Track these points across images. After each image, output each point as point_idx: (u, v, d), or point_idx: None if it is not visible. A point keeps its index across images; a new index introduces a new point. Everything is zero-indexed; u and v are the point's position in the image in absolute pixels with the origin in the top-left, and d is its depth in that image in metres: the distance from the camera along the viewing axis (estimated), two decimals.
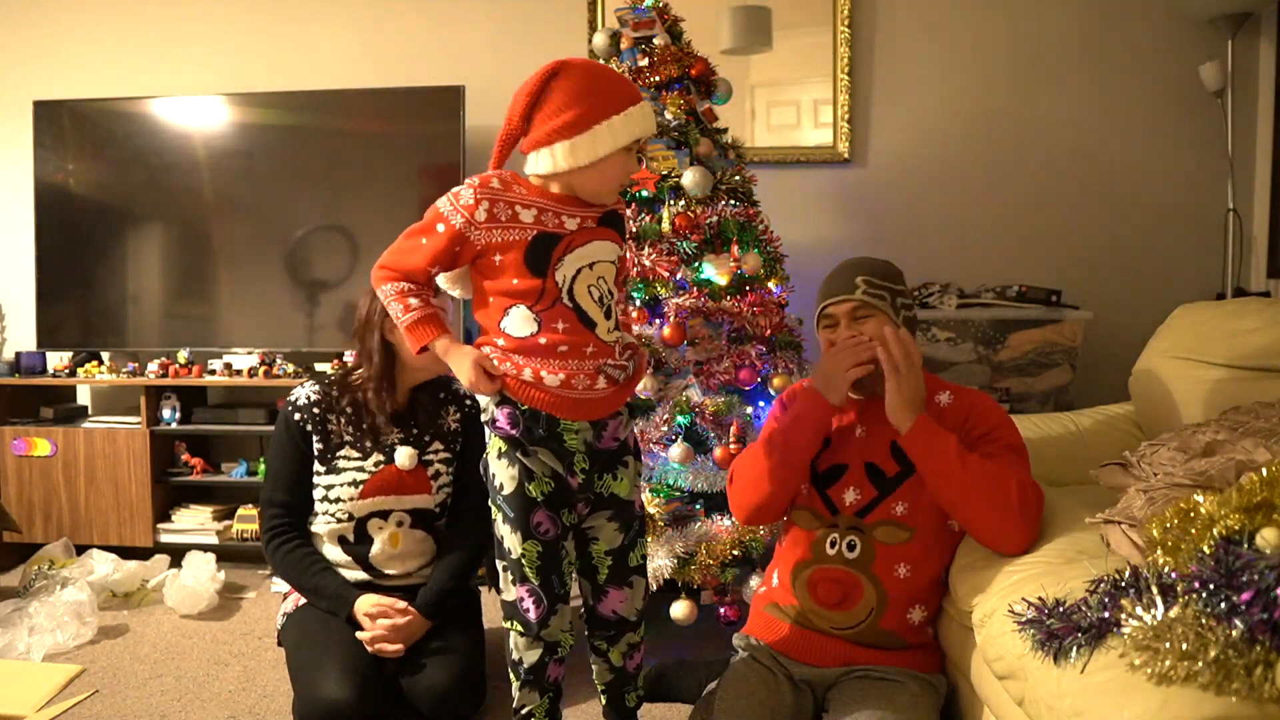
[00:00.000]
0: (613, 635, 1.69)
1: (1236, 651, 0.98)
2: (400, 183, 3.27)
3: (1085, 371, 3.00)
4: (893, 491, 1.74)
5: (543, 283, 1.52)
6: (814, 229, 3.29)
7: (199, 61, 3.56)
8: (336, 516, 2.06)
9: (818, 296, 1.87)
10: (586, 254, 1.55)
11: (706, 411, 2.27)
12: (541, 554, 1.57)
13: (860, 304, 1.78)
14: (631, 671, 1.75)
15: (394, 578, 2.08)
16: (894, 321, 1.79)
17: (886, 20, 3.31)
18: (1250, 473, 1.22)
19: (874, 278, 1.79)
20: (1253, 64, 3.17)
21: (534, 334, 1.52)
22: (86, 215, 3.37)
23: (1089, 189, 3.27)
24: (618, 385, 1.59)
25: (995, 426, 1.75)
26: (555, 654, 1.64)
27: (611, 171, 1.53)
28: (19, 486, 3.22)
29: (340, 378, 2.15)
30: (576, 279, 1.54)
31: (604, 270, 1.57)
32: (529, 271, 1.52)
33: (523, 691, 1.66)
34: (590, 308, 1.55)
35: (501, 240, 1.51)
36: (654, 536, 2.20)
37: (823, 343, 1.86)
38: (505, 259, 1.52)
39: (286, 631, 2.08)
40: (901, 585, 1.69)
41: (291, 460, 2.10)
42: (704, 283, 2.34)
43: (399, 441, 2.10)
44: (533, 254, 1.51)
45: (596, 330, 1.55)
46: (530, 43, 3.39)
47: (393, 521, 2.07)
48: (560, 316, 1.53)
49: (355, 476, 2.06)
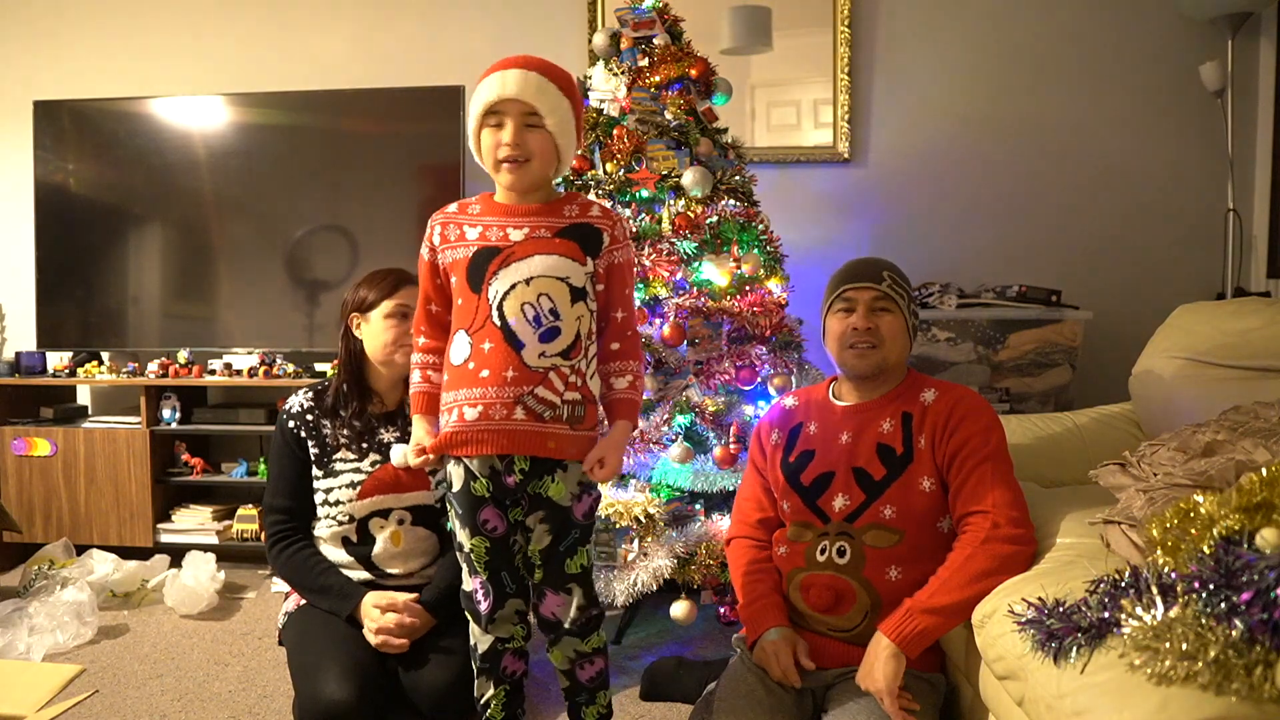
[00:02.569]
0: (554, 637, 1.67)
1: (1236, 651, 0.98)
2: (400, 183, 3.27)
3: (1085, 371, 3.00)
4: (881, 494, 1.73)
5: (477, 300, 1.52)
6: (814, 229, 3.29)
7: (199, 61, 3.56)
8: (337, 519, 2.06)
9: (834, 280, 1.87)
10: (524, 269, 1.52)
11: (706, 411, 2.27)
12: (490, 549, 1.60)
13: (883, 294, 1.80)
14: (584, 683, 1.69)
15: (397, 576, 2.08)
16: (908, 323, 1.82)
17: (886, 20, 3.31)
18: (1250, 473, 1.21)
19: (897, 276, 1.84)
20: (1253, 64, 3.17)
21: (465, 360, 1.53)
22: (86, 215, 3.37)
23: (1089, 189, 3.27)
24: (542, 422, 1.51)
25: (972, 435, 1.71)
26: (507, 645, 1.67)
27: (484, 149, 1.55)
28: (19, 486, 3.22)
29: (332, 382, 2.17)
30: (508, 295, 1.51)
31: (546, 287, 1.51)
32: (469, 288, 1.53)
33: (480, 679, 1.69)
34: (521, 328, 1.50)
35: (452, 260, 1.56)
36: (654, 536, 2.20)
37: (830, 324, 1.85)
38: (456, 280, 1.56)
39: (288, 631, 2.08)
40: (894, 587, 1.69)
41: (290, 467, 2.10)
42: (704, 283, 2.34)
43: (394, 440, 2.09)
44: (472, 270, 1.54)
45: (523, 353, 1.50)
46: (530, 43, 3.39)
47: (394, 520, 2.07)
48: (488, 336, 1.51)
49: (353, 478, 2.06)
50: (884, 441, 1.77)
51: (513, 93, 1.49)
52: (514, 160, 1.52)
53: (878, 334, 1.79)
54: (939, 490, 1.73)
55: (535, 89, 1.50)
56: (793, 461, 1.86)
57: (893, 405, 1.80)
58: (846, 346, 1.81)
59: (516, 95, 1.49)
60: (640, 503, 2.22)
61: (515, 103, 1.50)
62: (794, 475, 1.84)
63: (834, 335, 1.84)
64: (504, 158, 1.52)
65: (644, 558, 2.18)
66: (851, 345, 1.80)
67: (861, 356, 1.79)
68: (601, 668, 1.70)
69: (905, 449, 1.75)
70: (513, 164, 1.52)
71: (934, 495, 1.72)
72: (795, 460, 1.85)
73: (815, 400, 1.92)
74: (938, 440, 1.73)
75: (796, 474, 1.84)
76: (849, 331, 1.80)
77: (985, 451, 1.69)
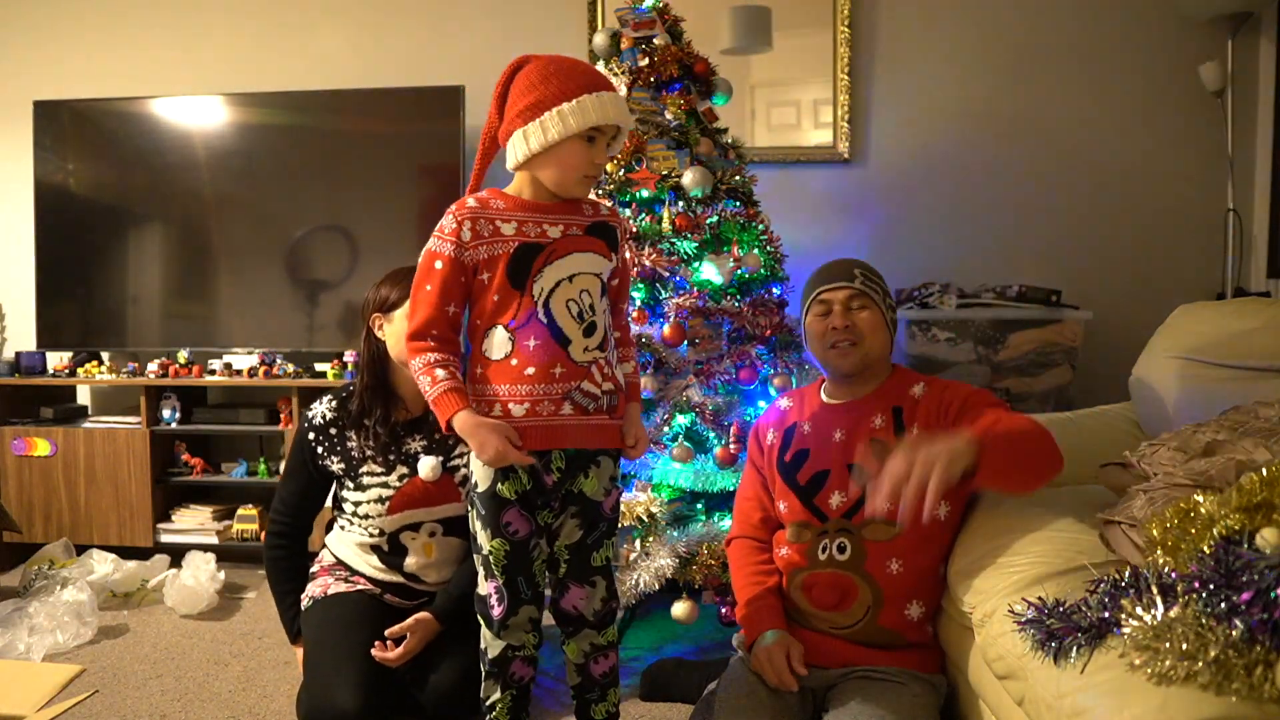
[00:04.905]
0: (571, 630, 1.69)
1: (1236, 651, 0.98)
2: (400, 183, 3.27)
3: (1085, 371, 3.00)
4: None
5: (520, 296, 1.52)
6: (814, 229, 3.29)
7: (199, 61, 3.57)
8: (369, 531, 2.03)
9: (809, 285, 1.93)
10: (567, 265, 1.54)
11: (706, 411, 2.27)
12: (509, 553, 1.59)
13: (857, 292, 1.84)
14: (596, 677, 1.70)
15: (431, 585, 2.06)
16: (886, 317, 1.85)
17: (886, 20, 3.31)
18: (1250, 473, 1.21)
19: (868, 273, 1.89)
20: (1253, 64, 3.17)
21: (506, 355, 1.52)
22: (86, 215, 3.37)
23: (1089, 189, 3.27)
24: (586, 415, 1.55)
25: (969, 395, 1.76)
26: (517, 652, 1.66)
27: (570, 160, 1.52)
28: (19, 486, 3.22)
29: (356, 387, 2.08)
30: (555, 292, 1.52)
31: (586, 284, 1.55)
32: (510, 285, 1.52)
33: (488, 683, 1.69)
34: (567, 324, 1.53)
35: (487, 256, 1.52)
36: (654, 536, 2.20)
37: (810, 327, 1.89)
38: (491, 276, 1.53)
39: (308, 618, 2.03)
40: (895, 581, 1.69)
41: (299, 481, 2.08)
42: (704, 283, 2.35)
43: (421, 450, 2.03)
44: (514, 266, 1.52)
45: (570, 349, 1.52)
46: (530, 43, 3.38)
47: (425, 532, 2.03)
48: (533, 333, 1.51)
49: (381, 493, 2.01)
50: (877, 437, 1.78)
51: (613, 119, 1.52)
52: (597, 179, 1.60)
53: (856, 330, 1.82)
54: None
55: (625, 113, 1.55)
56: (789, 461, 1.87)
57: (882, 401, 1.82)
58: (828, 347, 1.84)
59: (617, 120, 1.53)
60: (641, 502, 2.22)
61: (612, 126, 1.54)
62: (790, 474, 1.85)
63: (815, 337, 1.88)
64: (591, 175, 1.56)
65: (645, 557, 2.18)
66: (833, 345, 1.83)
67: (844, 355, 1.82)
68: (614, 664, 1.72)
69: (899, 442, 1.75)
70: (594, 180, 1.59)
71: None
72: (791, 459, 1.87)
73: (808, 400, 1.95)
74: (934, 423, 1.74)
75: (792, 473, 1.85)
76: (829, 331, 1.83)
77: (988, 401, 1.74)
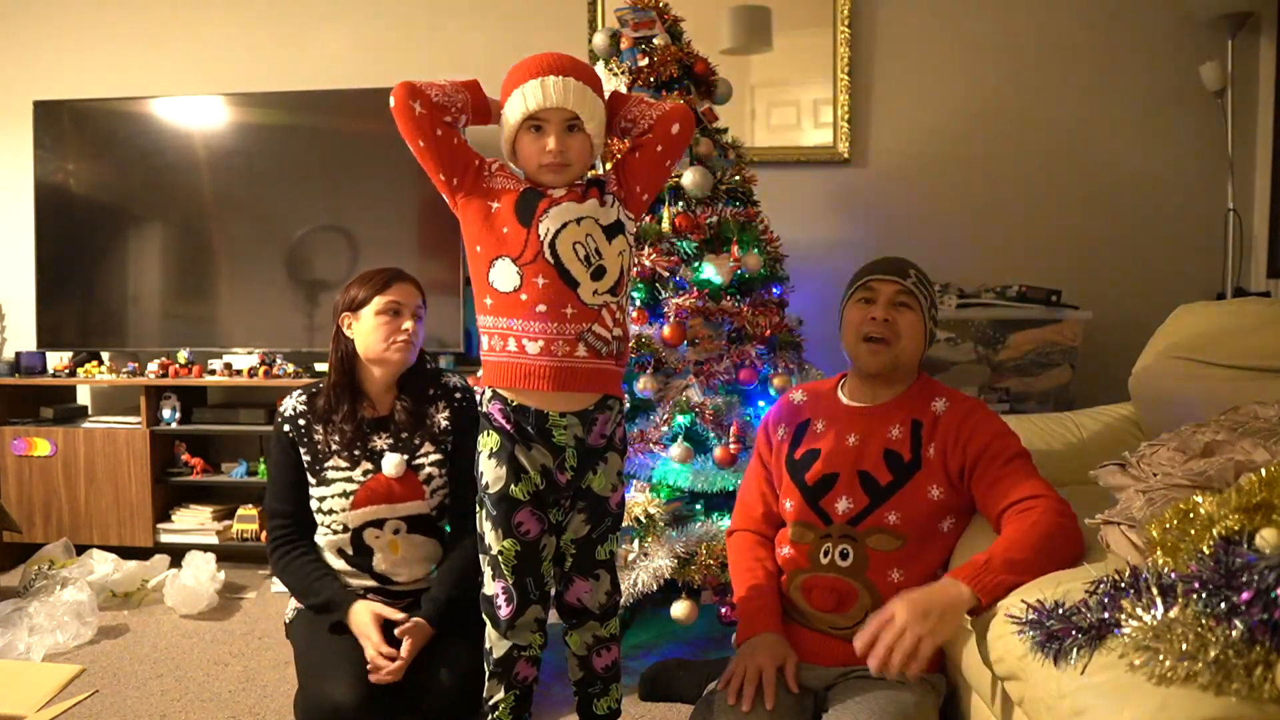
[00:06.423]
0: (575, 622, 1.71)
1: (1236, 652, 0.98)
2: (400, 183, 3.27)
3: (1085, 371, 3.00)
4: (886, 500, 1.73)
5: (527, 233, 1.54)
6: (814, 229, 3.29)
7: (199, 61, 3.57)
8: (332, 529, 2.03)
9: (859, 271, 1.86)
10: (572, 209, 1.56)
11: (706, 411, 2.27)
12: (520, 553, 1.60)
13: (906, 290, 1.80)
14: (599, 671, 1.72)
15: (404, 584, 2.06)
16: (926, 326, 1.81)
17: (886, 20, 3.31)
18: (1249, 473, 1.21)
19: (923, 277, 1.85)
20: (1253, 64, 3.16)
21: (516, 289, 1.54)
22: (86, 215, 3.37)
23: (1089, 189, 3.27)
24: (599, 359, 1.57)
25: (994, 437, 1.71)
26: (523, 652, 1.67)
27: (525, 151, 1.58)
28: (19, 486, 3.22)
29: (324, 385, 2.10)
30: (560, 233, 1.54)
31: (590, 228, 1.56)
32: (517, 220, 1.55)
33: (491, 682, 1.70)
34: (574, 265, 1.54)
35: (501, 187, 1.58)
36: (654, 536, 2.20)
37: (849, 314, 1.83)
38: (501, 205, 1.56)
39: (296, 626, 2.06)
40: (897, 588, 1.67)
41: (287, 470, 2.07)
42: (704, 283, 2.34)
43: (387, 448, 2.05)
44: (522, 203, 1.55)
45: (579, 291, 1.54)
46: (530, 43, 3.34)
47: (389, 530, 2.04)
48: (540, 272, 1.53)
49: (345, 488, 2.02)
50: (891, 448, 1.76)
51: (556, 102, 1.51)
52: (558, 166, 1.56)
53: (894, 328, 1.77)
54: (947, 498, 1.72)
55: (576, 96, 1.53)
56: (798, 459, 1.84)
57: (902, 411, 1.79)
58: (862, 338, 1.78)
59: (560, 104, 1.52)
60: (640, 502, 2.22)
61: (558, 110, 1.53)
62: (798, 473, 1.83)
63: (851, 325, 1.82)
64: (547, 164, 1.55)
65: (644, 558, 2.18)
66: (867, 336, 1.77)
67: (875, 353, 1.77)
68: (616, 658, 1.74)
69: (913, 456, 1.74)
70: (556, 168, 1.56)
71: (941, 502, 1.72)
72: (800, 458, 1.84)
73: (824, 398, 1.90)
74: (950, 449, 1.72)
75: (800, 472, 1.83)
76: (867, 321, 1.78)
77: (1012, 451, 1.70)
